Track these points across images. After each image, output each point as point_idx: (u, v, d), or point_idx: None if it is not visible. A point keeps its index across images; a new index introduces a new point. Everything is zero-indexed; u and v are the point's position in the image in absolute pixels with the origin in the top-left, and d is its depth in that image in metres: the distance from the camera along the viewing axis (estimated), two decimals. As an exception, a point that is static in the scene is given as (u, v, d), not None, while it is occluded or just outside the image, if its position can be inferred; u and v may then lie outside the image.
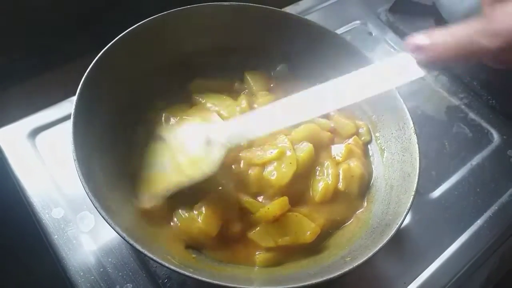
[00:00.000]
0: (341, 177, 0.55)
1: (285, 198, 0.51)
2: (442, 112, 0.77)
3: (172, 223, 0.51)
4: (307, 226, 0.50)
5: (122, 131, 0.56)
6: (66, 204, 0.57)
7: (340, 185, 0.54)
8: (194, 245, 0.51)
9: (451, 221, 0.63)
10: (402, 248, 0.60)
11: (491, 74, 0.80)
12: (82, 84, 0.50)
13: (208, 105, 0.61)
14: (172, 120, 0.58)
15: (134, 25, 0.57)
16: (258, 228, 0.51)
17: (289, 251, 0.51)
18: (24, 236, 0.62)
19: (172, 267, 0.40)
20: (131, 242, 0.40)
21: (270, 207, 0.50)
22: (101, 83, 0.53)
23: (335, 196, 0.54)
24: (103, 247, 0.55)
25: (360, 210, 0.56)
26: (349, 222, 0.55)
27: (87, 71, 0.51)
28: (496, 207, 0.65)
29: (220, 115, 0.59)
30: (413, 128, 0.54)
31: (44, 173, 0.60)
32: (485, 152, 0.71)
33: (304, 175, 0.54)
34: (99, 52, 0.54)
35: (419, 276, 0.58)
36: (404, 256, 0.59)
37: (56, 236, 0.55)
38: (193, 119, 0.57)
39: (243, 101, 0.61)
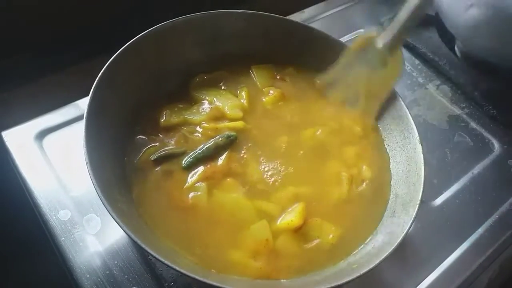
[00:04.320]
0: (353, 181, 0.56)
1: (303, 206, 0.52)
2: (444, 121, 0.78)
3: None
4: (329, 229, 0.51)
5: (129, 133, 0.57)
6: (73, 206, 0.58)
7: (354, 189, 0.56)
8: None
9: (452, 229, 0.64)
10: (404, 255, 0.60)
11: (492, 84, 0.81)
12: (94, 88, 0.51)
13: (209, 101, 0.61)
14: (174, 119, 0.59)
15: (139, 31, 0.58)
16: (281, 237, 0.51)
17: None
18: (30, 238, 0.63)
19: (182, 270, 0.40)
20: (143, 245, 0.41)
21: (293, 219, 0.51)
22: (112, 87, 0.54)
23: (351, 201, 0.55)
24: (109, 250, 0.55)
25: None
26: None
27: (99, 76, 0.52)
28: (496, 216, 0.66)
29: (223, 111, 0.60)
30: (418, 138, 0.55)
31: (51, 175, 0.60)
32: (486, 161, 0.72)
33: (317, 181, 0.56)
34: (103, 56, 0.54)
35: (421, 283, 0.58)
36: (406, 263, 0.60)
37: (62, 238, 0.55)
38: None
39: (243, 96, 0.62)
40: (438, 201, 0.67)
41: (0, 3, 0.65)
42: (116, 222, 0.42)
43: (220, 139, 0.56)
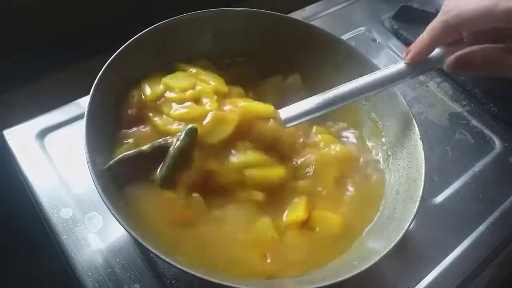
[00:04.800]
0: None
1: (305, 199, 0.52)
2: (444, 118, 0.78)
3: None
4: (332, 222, 0.52)
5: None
6: (75, 204, 0.58)
7: (355, 184, 0.56)
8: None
9: (454, 226, 0.64)
10: (405, 252, 0.60)
11: (493, 82, 0.81)
12: (94, 86, 0.51)
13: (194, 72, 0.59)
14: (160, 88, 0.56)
15: (139, 30, 0.57)
16: (288, 233, 0.50)
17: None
18: (32, 236, 0.63)
19: (184, 268, 0.40)
20: (144, 243, 0.41)
21: (299, 213, 0.51)
22: (112, 85, 0.54)
23: (351, 196, 0.55)
24: (111, 248, 0.55)
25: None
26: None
27: (99, 74, 0.52)
28: (498, 213, 0.66)
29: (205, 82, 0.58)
30: (418, 134, 0.55)
31: (53, 173, 0.60)
32: (487, 159, 0.72)
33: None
34: (103, 55, 0.54)
35: (422, 281, 0.58)
36: (407, 261, 0.60)
37: (64, 236, 0.55)
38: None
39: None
40: (439, 198, 0.67)
41: (0, 3, 0.65)
42: (117, 220, 0.42)
43: (180, 141, 0.50)
